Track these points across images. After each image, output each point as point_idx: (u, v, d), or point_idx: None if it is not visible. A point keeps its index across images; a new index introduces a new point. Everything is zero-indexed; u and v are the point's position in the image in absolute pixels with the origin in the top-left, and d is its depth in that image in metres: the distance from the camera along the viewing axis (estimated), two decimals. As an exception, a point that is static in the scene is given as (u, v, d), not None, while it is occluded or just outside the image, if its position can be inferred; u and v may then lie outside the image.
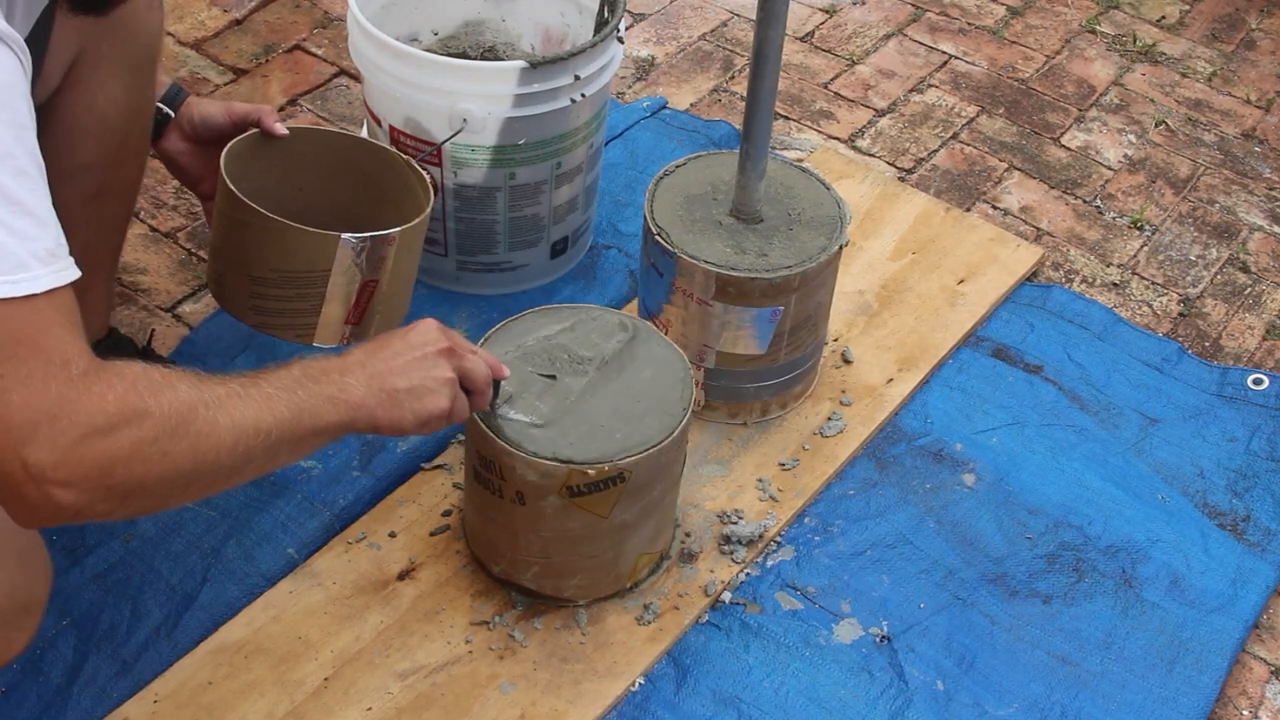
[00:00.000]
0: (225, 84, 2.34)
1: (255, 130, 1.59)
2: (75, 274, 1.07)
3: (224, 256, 1.57)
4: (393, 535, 1.64)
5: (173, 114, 1.62)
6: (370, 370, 1.26)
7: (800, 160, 2.24)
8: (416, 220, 1.57)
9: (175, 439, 1.08)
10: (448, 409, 1.32)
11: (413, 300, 1.96)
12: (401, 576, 1.60)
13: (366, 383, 1.25)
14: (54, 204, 1.52)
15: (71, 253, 1.58)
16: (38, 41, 1.34)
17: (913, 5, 2.76)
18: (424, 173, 1.65)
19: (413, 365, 1.29)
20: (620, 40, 1.86)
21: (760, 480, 1.75)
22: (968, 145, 2.41)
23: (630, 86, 2.45)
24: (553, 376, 1.51)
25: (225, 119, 1.60)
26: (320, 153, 1.67)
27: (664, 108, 2.36)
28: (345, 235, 1.49)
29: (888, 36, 2.66)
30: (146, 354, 1.73)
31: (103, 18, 1.42)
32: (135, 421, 1.05)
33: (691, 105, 2.43)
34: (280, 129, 1.59)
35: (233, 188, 1.49)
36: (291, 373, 1.21)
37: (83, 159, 1.52)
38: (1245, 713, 1.60)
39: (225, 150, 1.55)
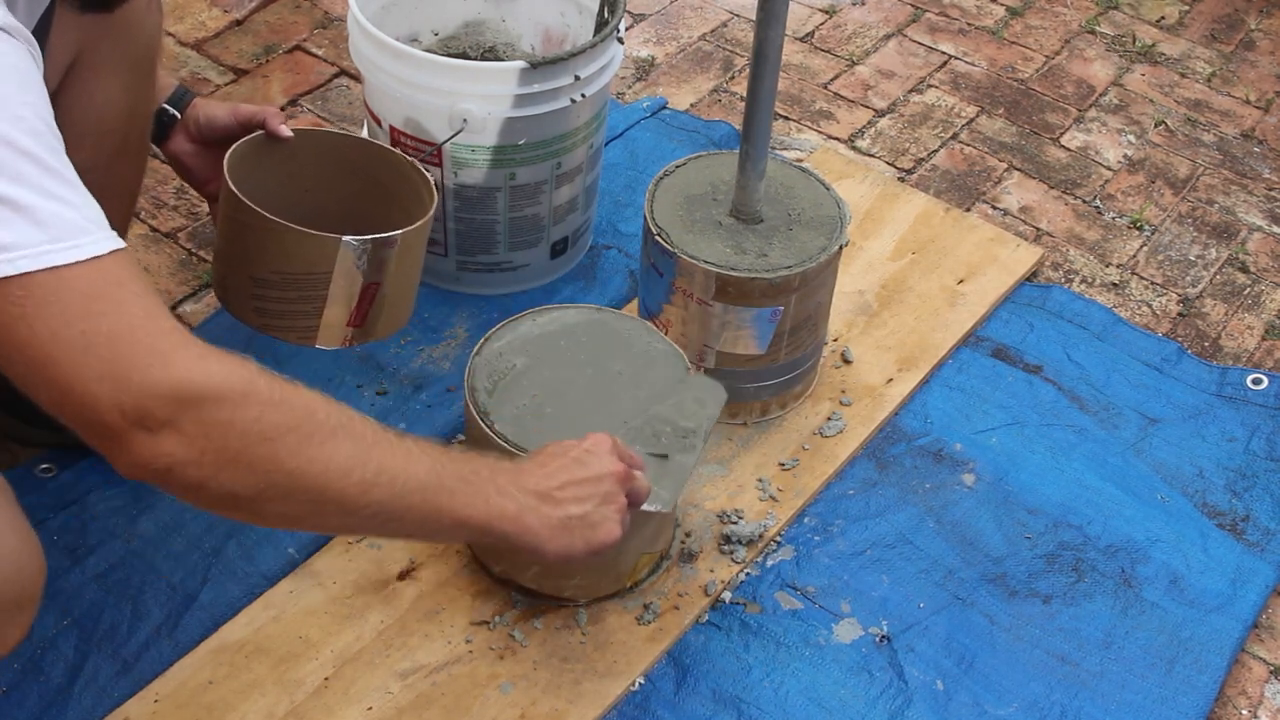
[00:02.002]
0: (225, 84, 2.34)
1: (260, 132, 1.60)
2: (125, 243, 1.07)
3: (227, 258, 1.58)
4: (393, 535, 1.64)
5: (179, 115, 1.62)
6: (539, 488, 1.22)
7: (800, 160, 2.25)
8: (419, 223, 1.57)
9: (283, 429, 1.04)
10: (619, 537, 1.29)
11: (420, 302, 1.96)
12: (402, 576, 1.60)
13: (537, 503, 1.21)
14: None
15: None
16: (38, 41, 1.34)
17: (912, 5, 2.76)
18: (427, 174, 1.65)
19: (588, 492, 1.25)
20: (620, 40, 1.87)
21: (760, 480, 1.75)
22: (967, 145, 2.41)
23: (630, 86, 2.46)
24: (664, 456, 1.46)
25: (231, 120, 1.61)
26: (325, 154, 1.67)
27: (664, 108, 2.37)
28: (346, 238, 1.49)
29: (887, 37, 2.66)
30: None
31: (103, 17, 1.42)
32: (240, 390, 1.03)
33: (691, 105, 2.43)
34: (285, 131, 1.60)
35: (235, 190, 1.50)
36: (447, 453, 1.16)
37: (81, 160, 1.51)
38: (1245, 712, 1.61)
39: (229, 152, 1.55)
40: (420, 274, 1.65)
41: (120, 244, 1.05)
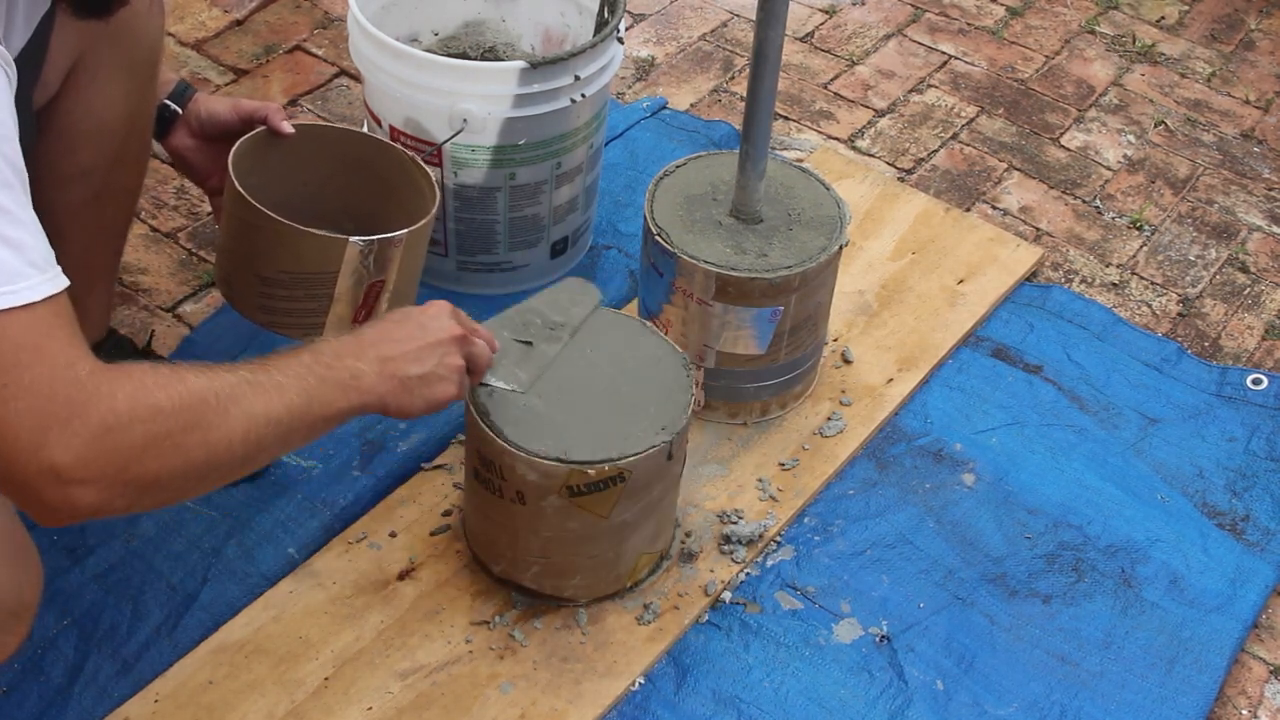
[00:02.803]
0: (226, 84, 2.34)
1: (262, 128, 1.59)
2: (66, 281, 1.08)
3: (232, 256, 1.58)
4: (393, 535, 1.64)
5: (180, 111, 1.62)
6: (383, 354, 1.27)
7: (800, 160, 2.25)
8: (422, 222, 1.57)
9: (187, 432, 1.09)
10: (455, 395, 1.34)
11: (420, 302, 1.96)
12: (402, 576, 1.60)
13: (379, 369, 1.26)
14: (54, 208, 1.53)
15: (72, 256, 1.58)
16: (37, 47, 1.34)
17: (912, 5, 2.76)
18: (428, 170, 1.65)
19: (426, 352, 1.31)
20: (620, 40, 1.87)
21: (760, 480, 1.75)
22: (967, 145, 2.41)
23: (630, 87, 2.46)
24: (529, 343, 1.53)
25: (233, 116, 1.60)
26: (327, 150, 1.67)
27: (664, 108, 2.37)
28: (354, 238, 1.49)
29: (887, 37, 2.66)
30: (146, 354, 1.73)
31: (103, 22, 1.42)
32: (146, 417, 1.06)
33: (691, 105, 2.43)
34: (287, 127, 1.59)
35: (242, 190, 1.49)
36: (302, 359, 1.22)
37: (82, 163, 1.52)
38: (1244, 712, 1.61)
39: (233, 149, 1.54)
40: (422, 268, 1.65)
41: (57, 286, 1.06)
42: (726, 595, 1.63)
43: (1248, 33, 2.78)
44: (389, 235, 1.52)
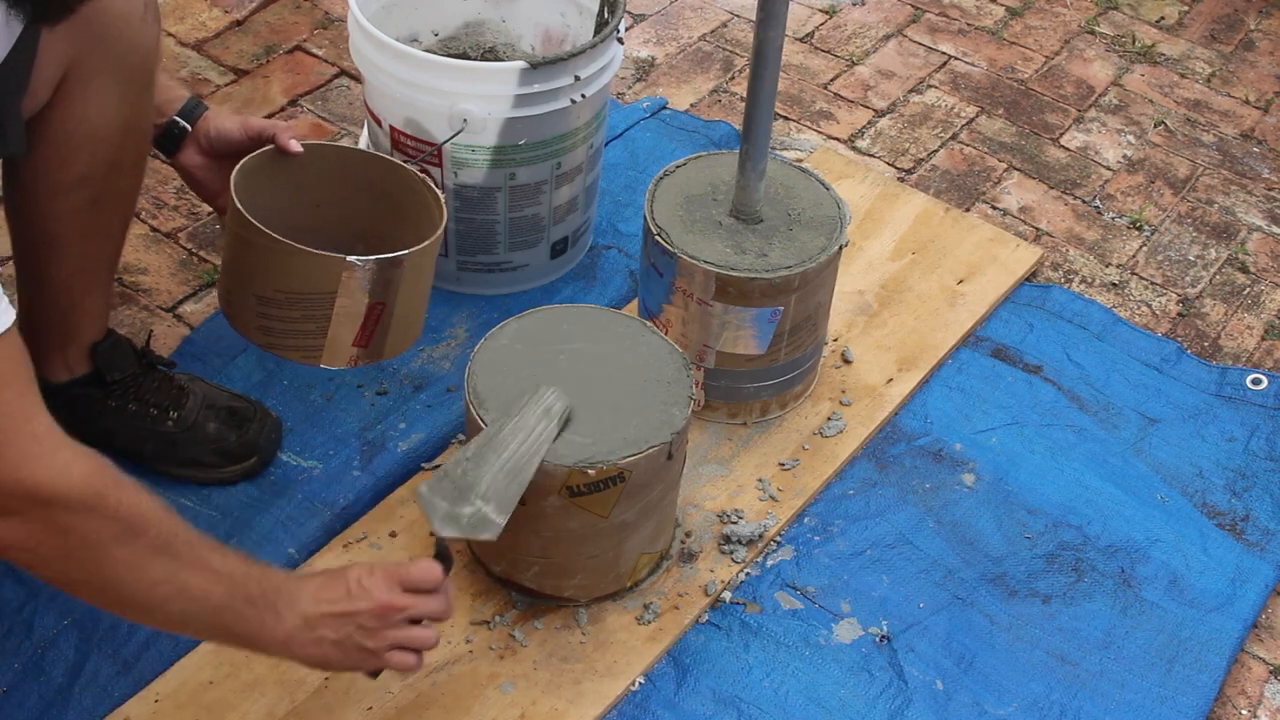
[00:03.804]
0: (226, 84, 2.34)
1: (270, 146, 1.58)
2: (13, 315, 1.11)
3: (232, 274, 1.57)
4: (393, 535, 1.64)
5: (190, 128, 1.61)
6: (307, 613, 1.27)
7: (800, 160, 2.25)
8: (426, 243, 1.53)
9: (119, 542, 1.14)
10: (371, 670, 1.36)
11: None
12: (402, 576, 1.60)
13: (300, 625, 1.27)
14: (50, 215, 1.53)
15: (69, 261, 1.58)
16: (23, 57, 1.34)
17: (912, 6, 2.76)
18: (438, 191, 1.62)
19: (344, 624, 1.29)
20: (620, 41, 1.87)
21: (760, 480, 1.75)
22: (967, 145, 2.41)
23: (630, 87, 2.46)
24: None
25: (241, 134, 1.59)
26: (335, 168, 1.65)
27: (664, 108, 2.37)
28: (351, 258, 1.47)
29: (887, 37, 2.66)
30: (145, 355, 1.73)
31: (90, 29, 1.42)
32: (93, 506, 1.12)
33: (691, 105, 2.43)
34: (294, 146, 1.58)
35: (240, 207, 1.48)
36: (250, 571, 1.25)
37: (77, 172, 1.51)
38: (1244, 712, 1.61)
39: (236, 168, 1.53)
40: (430, 292, 1.63)
41: (5, 322, 1.09)
42: (726, 595, 1.63)
43: (1247, 33, 2.79)
44: (389, 256, 1.49)
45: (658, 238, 1.70)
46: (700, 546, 1.66)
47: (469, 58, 2.04)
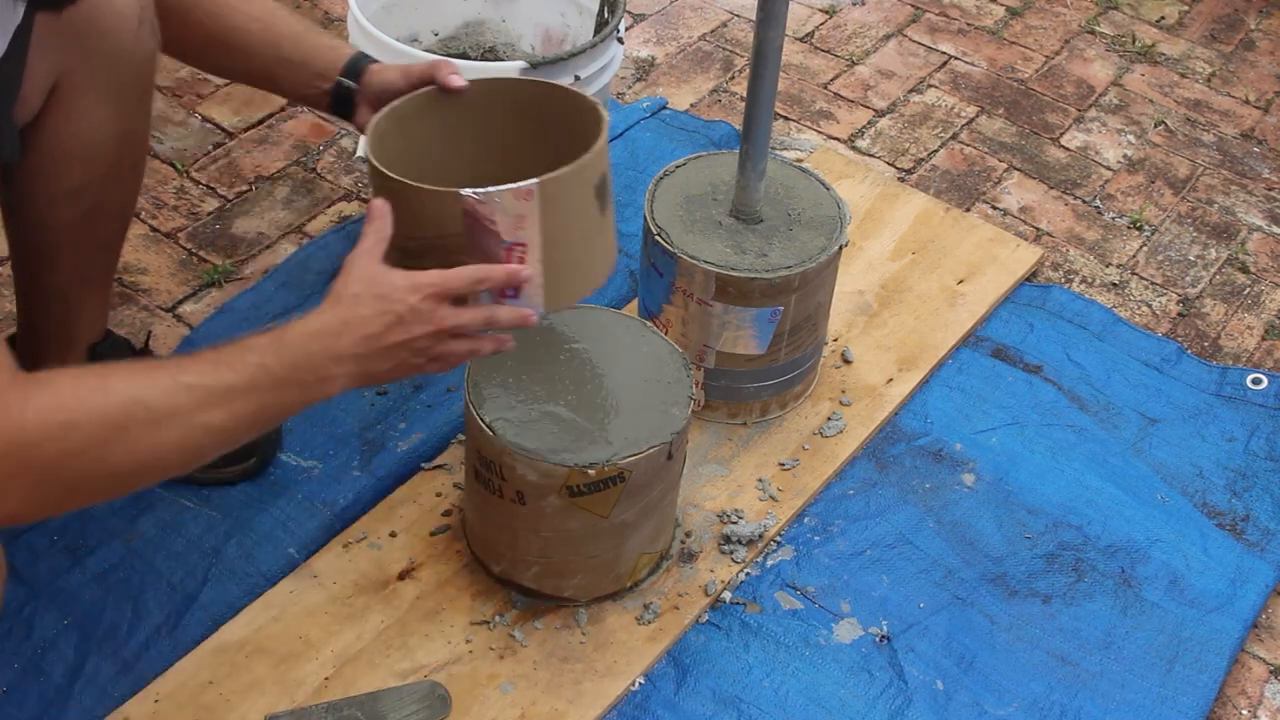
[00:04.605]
0: (226, 84, 2.34)
1: (429, 88, 1.44)
2: None
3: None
4: (393, 535, 1.64)
5: (356, 86, 1.51)
6: (357, 352, 1.20)
7: (800, 160, 2.25)
8: (563, 169, 1.30)
9: (107, 445, 1.07)
10: (432, 372, 1.29)
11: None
12: (402, 576, 1.60)
13: (352, 371, 1.20)
14: (45, 225, 1.52)
15: (65, 270, 1.57)
16: (14, 63, 1.33)
17: (912, 6, 2.76)
18: (600, 108, 1.41)
19: (401, 350, 1.23)
20: (620, 41, 1.87)
21: (760, 480, 1.75)
22: (967, 145, 2.41)
23: (630, 87, 2.46)
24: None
25: (404, 83, 1.48)
26: (510, 105, 1.47)
27: (664, 108, 2.37)
28: (465, 191, 1.27)
29: (887, 37, 2.66)
30: (144, 355, 1.73)
31: (79, 41, 1.41)
32: (58, 435, 1.05)
33: (691, 105, 2.43)
34: (456, 81, 1.43)
35: (371, 156, 1.34)
36: (261, 356, 1.16)
37: (71, 183, 1.50)
38: (1244, 712, 1.61)
39: (377, 115, 1.39)
40: (589, 229, 1.37)
41: None
42: (726, 595, 1.63)
43: (1247, 33, 2.79)
44: (511, 186, 1.28)
45: (658, 238, 1.70)
46: (700, 546, 1.66)
47: (469, 57, 2.04)
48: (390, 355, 1.23)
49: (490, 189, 1.27)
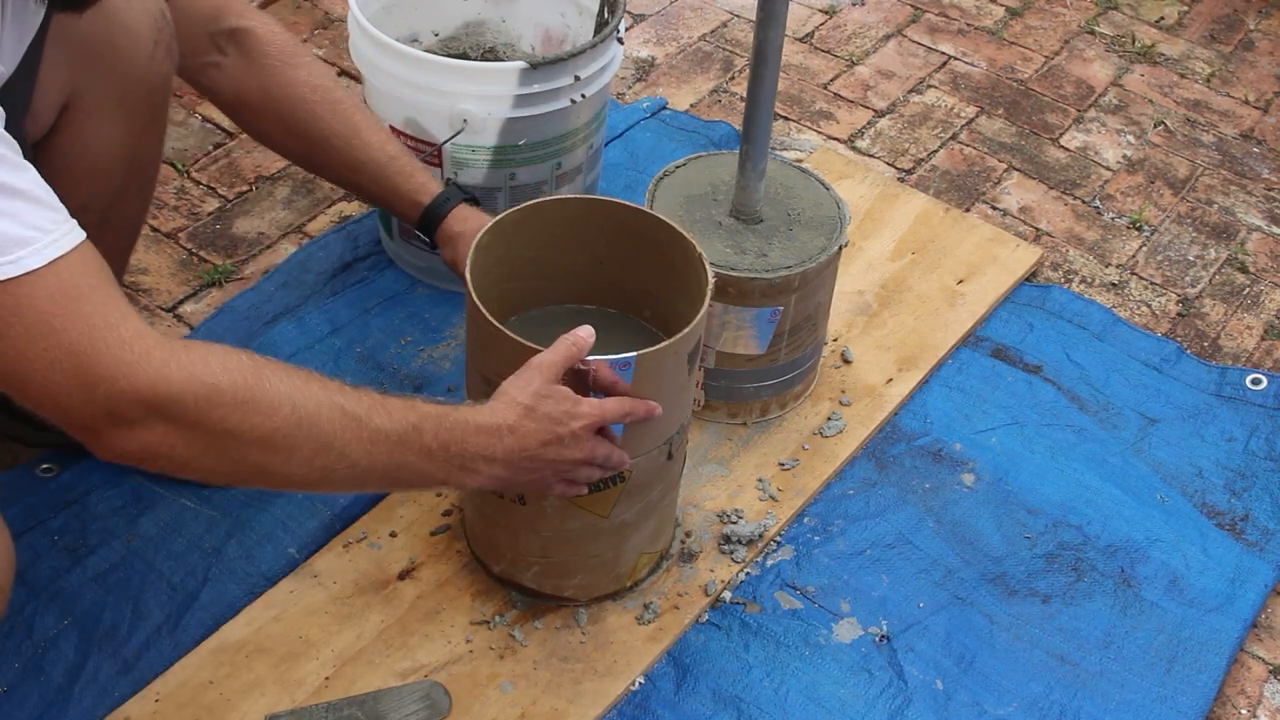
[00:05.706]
0: (225, 84, 2.34)
1: (530, 203, 1.48)
2: (81, 235, 1.08)
3: (470, 351, 1.47)
4: (393, 535, 1.64)
5: (437, 227, 1.60)
6: (515, 459, 1.24)
7: (800, 160, 2.25)
8: (660, 345, 1.35)
9: (253, 427, 1.09)
10: (558, 493, 1.35)
11: (421, 303, 1.94)
12: (402, 576, 1.60)
13: (505, 473, 1.23)
14: None
15: None
16: (26, 76, 1.33)
17: (912, 6, 2.76)
18: (708, 264, 1.43)
19: (553, 467, 1.27)
20: (620, 41, 1.87)
21: (760, 480, 1.75)
22: (967, 146, 2.41)
23: (630, 87, 2.46)
24: None
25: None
26: (612, 225, 1.52)
27: (664, 108, 2.37)
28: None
29: (887, 37, 2.66)
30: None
31: (93, 60, 1.41)
32: (207, 397, 1.07)
33: (691, 106, 2.43)
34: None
35: (470, 283, 1.37)
36: (420, 423, 1.18)
37: (80, 199, 1.49)
38: (1244, 712, 1.61)
39: (473, 245, 1.41)
40: (680, 387, 1.42)
41: (72, 241, 1.06)
42: (726, 595, 1.63)
43: (1247, 33, 2.79)
44: (609, 358, 1.31)
45: (658, 238, 1.70)
46: (700, 546, 1.66)
47: (469, 58, 2.04)
48: (536, 470, 1.27)
49: (590, 358, 1.31)
